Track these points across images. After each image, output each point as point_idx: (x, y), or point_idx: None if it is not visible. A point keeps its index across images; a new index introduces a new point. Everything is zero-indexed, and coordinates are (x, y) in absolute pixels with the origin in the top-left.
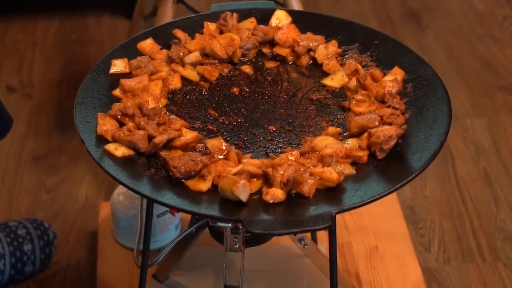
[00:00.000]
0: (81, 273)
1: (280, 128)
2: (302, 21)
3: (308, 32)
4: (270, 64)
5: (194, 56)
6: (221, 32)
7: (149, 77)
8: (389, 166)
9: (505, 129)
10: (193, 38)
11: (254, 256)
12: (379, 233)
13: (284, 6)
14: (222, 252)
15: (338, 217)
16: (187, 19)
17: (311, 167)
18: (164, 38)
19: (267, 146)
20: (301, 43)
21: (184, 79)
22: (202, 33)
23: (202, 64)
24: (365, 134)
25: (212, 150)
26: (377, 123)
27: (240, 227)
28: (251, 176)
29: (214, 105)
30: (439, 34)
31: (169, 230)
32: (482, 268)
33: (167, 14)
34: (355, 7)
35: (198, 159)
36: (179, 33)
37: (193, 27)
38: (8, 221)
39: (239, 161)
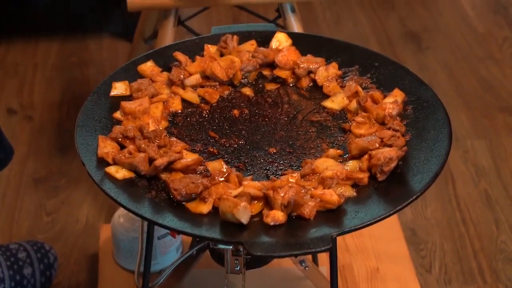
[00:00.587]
0: None
1: (280, 150)
2: (302, 43)
3: (308, 54)
4: (271, 86)
5: (195, 78)
6: (222, 55)
7: (149, 99)
8: (389, 188)
9: (505, 150)
10: (193, 61)
11: (255, 278)
12: (380, 255)
13: (284, 28)
14: (223, 274)
15: (338, 239)
16: (188, 41)
17: (312, 189)
18: (165, 60)
19: (267, 168)
20: (302, 65)
21: (184, 101)
22: (203, 56)
23: (202, 86)
24: (366, 156)
25: (213, 173)
26: (377, 145)
27: (241, 249)
28: (252, 198)
29: (214, 128)
30: (439, 55)
31: (170, 252)
32: None
33: (168, 36)
34: (355, 29)
35: (199, 181)
36: (179, 55)
37: (194, 50)
38: (9, 244)
39: (240, 184)
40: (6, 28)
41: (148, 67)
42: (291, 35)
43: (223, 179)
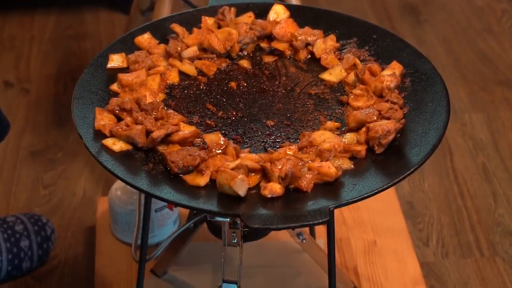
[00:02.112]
0: (79, 268)
1: (278, 122)
2: (300, 15)
3: (306, 27)
4: (268, 59)
5: (192, 50)
6: (219, 27)
7: (146, 71)
8: (387, 161)
9: (503, 123)
10: (191, 33)
11: (252, 251)
12: (377, 228)
13: (282, 0)
14: (220, 247)
15: (336, 212)
16: (185, 13)
17: (309, 161)
18: (162, 32)
19: (265, 140)
20: (299, 38)
21: (182, 73)
22: (200, 28)
23: (200, 58)
24: (364, 129)
25: (210, 145)
26: (375, 118)
27: (238, 222)
28: (249, 170)
29: (212, 100)
30: (437, 28)
31: (167, 225)
32: (480, 263)
33: (165, 8)
34: (353, 2)
35: (196, 153)
36: (176, 27)
37: (191, 22)
38: (6, 216)
39: (237, 156)
40: (2, 1)
41: (145, 39)
42: (289, 7)
43: (220, 151)
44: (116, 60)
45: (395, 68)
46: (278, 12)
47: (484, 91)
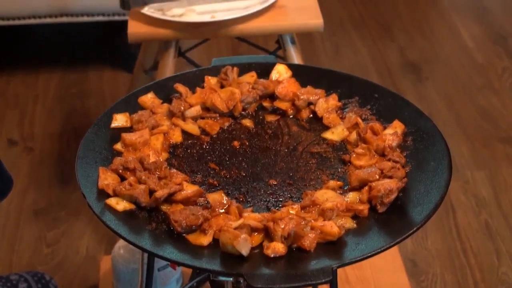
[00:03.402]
0: None
1: (281, 181)
2: (302, 74)
3: (308, 86)
4: (271, 118)
5: (195, 110)
6: (222, 86)
7: (150, 131)
8: (390, 220)
9: (505, 180)
10: (194, 92)
11: None
12: (380, 286)
13: (284, 60)
14: None
15: (339, 270)
16: (188, 73)
17: (312, 221)
18: (165, 92)
19: (268, 200)
20: (302, 97)
21: (185, 133)
22: (203, 87)
23: (203, 118)
24: (366, 188)
25: (213, 204)
26: (377, 177)
27: (242, 281)
28: (252, 230)
29: (215, 159)
30: (438, 85)
31: (170, 284)
32: None
33: (168, 68)
34: (355, 59)
35: (199, 213)
36: (180, 87)
37: (194, 81)
38: (9, 275)
39: (240, 215)
40: (7, 60)
41: (148, 98)
42: (291, 66)
43: (223, 210)
44: (119, 120)
45: (396, 127)
46: (280, 72)
47: (485, 148)
